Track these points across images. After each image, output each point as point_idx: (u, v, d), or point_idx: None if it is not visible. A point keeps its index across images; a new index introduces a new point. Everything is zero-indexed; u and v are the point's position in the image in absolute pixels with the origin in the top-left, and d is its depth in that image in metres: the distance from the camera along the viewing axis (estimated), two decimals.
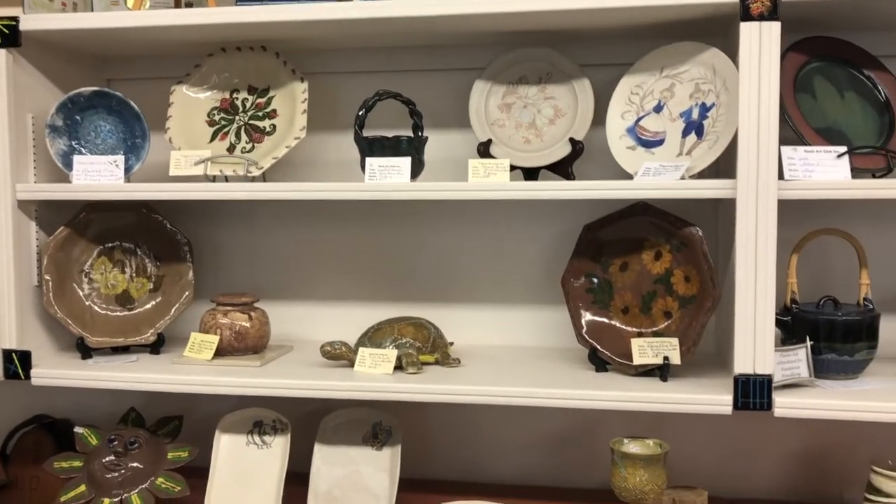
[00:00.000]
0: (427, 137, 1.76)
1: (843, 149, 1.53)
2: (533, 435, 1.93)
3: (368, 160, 1.68)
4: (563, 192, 1.62)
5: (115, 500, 1.71)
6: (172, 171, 1.79)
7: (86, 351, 1.84)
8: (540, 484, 1.91)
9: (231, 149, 1.86)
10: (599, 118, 1.76)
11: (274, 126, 1.86)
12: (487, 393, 1.62)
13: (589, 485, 1.85)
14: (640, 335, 1.72)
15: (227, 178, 1.82)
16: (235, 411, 1.81)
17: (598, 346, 1.72)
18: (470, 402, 1.63)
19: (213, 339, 1.79)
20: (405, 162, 1.67)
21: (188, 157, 1.80)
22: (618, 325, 1.76)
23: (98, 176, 1.78)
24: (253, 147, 1.86)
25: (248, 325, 1.82)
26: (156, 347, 1.88)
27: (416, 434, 1.97)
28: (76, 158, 1.78)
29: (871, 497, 1.56)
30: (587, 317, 1.77)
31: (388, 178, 1.67)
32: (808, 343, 1.58)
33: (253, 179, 1.81)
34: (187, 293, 1.91)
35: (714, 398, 1.53)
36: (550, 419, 1.92)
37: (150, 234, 1.94)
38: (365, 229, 1.99)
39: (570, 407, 1.60)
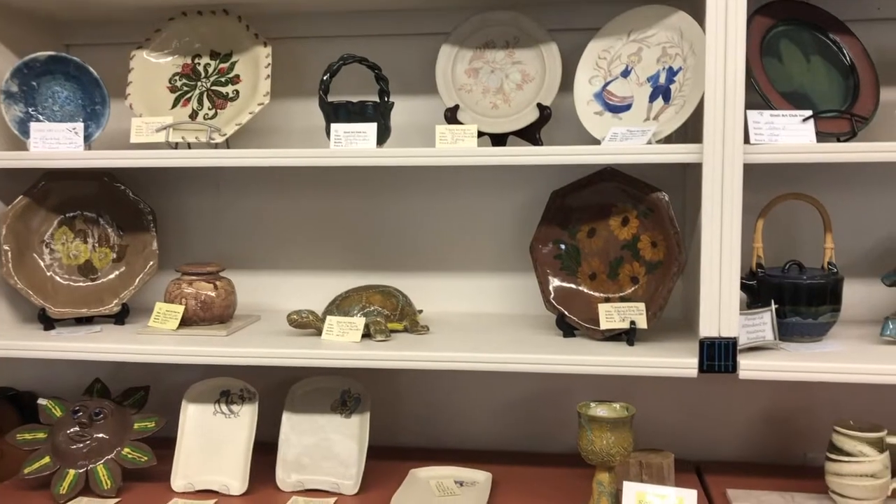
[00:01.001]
0: (393, 103, 1.74)
1: (809, 113, 1.54)
2: (502, 401, 1.94)
3: (333, 126, 1.66)
4: (531, 158, 1.61)
5: (81, 470, 1.69)
6: (134, 139, 1.75)
7: (48, 322, 1.81)
8: (509, 449, 1.92)
9: (193, 115, 1.83)
10: (567, 83, 1.75)
11: (237, 92, 1.83)
12: (455, 359, 1.62)
13: (558, 449, 1.87)
14: (607, 300, 1.72)
15: (189, 146, 1.79)
16: (202, 381, 1.80)
17: (566, 312, 1.73)
18: (438, 368, 1.63)
19: (179, 309, 1.77)
20: (371, 128, 1.65)
21: (150, 124, 1.76)
22: (585, 290, 1.76)
23: (56, 143, 1.74)
24: (216, 113, 1.82)
25: (213, 294, 1.79)
26: (120, 318, 1.86)
27: (386, 401, 1.97)
28: (33, 125, 1.74)
29: (833, 456, 1.58)
30: (555, 283, 1.77)
31: (353, 144, 1.65)
32: (773, 306, 1.59)
33: (216, 146, 1.78)
34: (151, 263, 1.88)
35: (680, 361, 1.55)
36: (519, 385, 1.93)
37: (113, 204, 1.91)
38: (332, 197, 1.97)
39: (537, 372, 1.61)
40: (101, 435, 1.73)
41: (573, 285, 1.77)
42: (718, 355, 1.52)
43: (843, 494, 1.58)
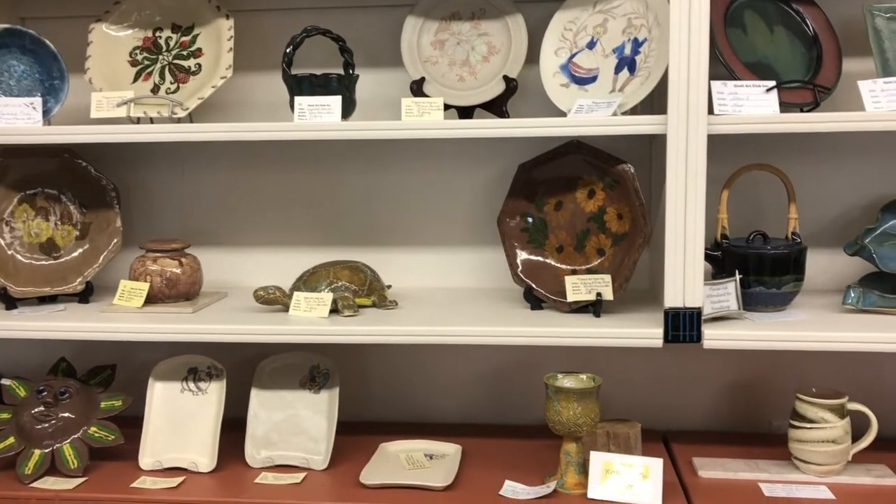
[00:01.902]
0: (358, 76, 1.72)
1: (772, 83, 1.54)
2: (471, 374, 1.95)
3: (297, 99, 1.64)
4: (497, 131, 1.60)
5: (46, 450, 1.67)
6: (94, 114, 1.72)
7: (10, 301, 1.78)
8: (479, 422, 1.93)
9: (155, 89, 1.79)
10: (533, 55, 1.74)
11: (199, 65, 1.80)
12: (423, 333, 1.62)
13: (527, 421, 1.88)
14: (574, 273, 1.73)
15: (152, 120, 1.76)
16: (169, 359, 1.78)
17: (534, 285, 1.73)
18: (406, 342, 1.63)
19: (143, 287, 1.75)
20: (335, 101, 1.63)
21: (110, 99, 1.73)
22: (553, 263, 1.76)
23: (14, 119, 1.70)
24: (178, 88, 1.79)
25: (178, 271, 1.78)
26: (84, 296, 1.84)
27: (356, 377, 1.97)
28: None
29: (796, 423, 1.61)
30: (522, 256, 1.77)
31: (317, 117, 1.63)
32: (737, 276, 1.61)
33: (179, 121, 1.75)
34: (115, 240, 1.86)
35: (645, 332, 1.56)
36: (488, 358, 1.93)
37: (75, 180, 1.87)
38: (298, 172, 1.95)
39: (505, 344, 1.62)
40: (66, 414, 1.71)
41: (540, 258, 1.77)
42: (683, 325, 1.53)
43: (805, 460, 1.61)
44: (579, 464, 1.58)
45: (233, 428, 1.75)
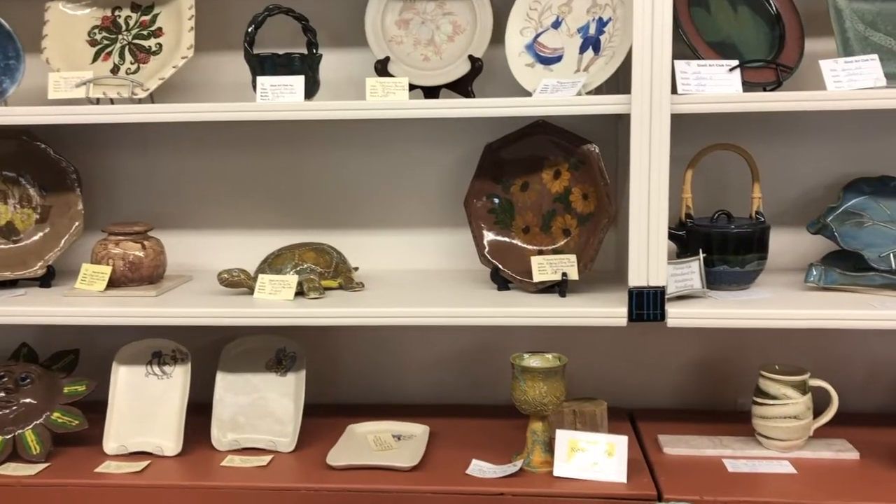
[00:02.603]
0: (321, 55, 1.70)
1: (735, 63, 1.55)
2: (440, 355, 1.95)
3: (259, 79, 1.62)
4: (463, 111, 1.60)
5: (8, 436, 1.65)
6: (52, 95, 1.69)
7: None
8: (447, 402, 1.93)
9: (115, 70, 1.76)
10: (499, 35, 1.73)
11: (160, 45, 1.77)
12: (390, 315, 1.62)
13: (495, 401, 1.88)
14: (540, 253, 1.73)
15: (112, 101, 1.73)
16: (133, 343, 1.76)
17: (500, 266, 1.73)
18: (372, 324, 1.63)
19: (106, 270, 1.73)
20: (298, 80, 1.61)
21: (68, 79, 1.69)
22: (519, 244, 1.77)
23: None
24: (138, 68, 1.76)
25: (141, 254, 1.75)
26: (45, 281, 1.81)
27: (324, 360, 1.96)
28: None
29: (759, 400, 1.63)
30: (489, 237, 1.77)
31: (280, 97, 1.61)
32: (701, 255, 1.62)
33: (139, 102, 1.72)
34: (77, 224, 1.83)
35: (610, 311, 1.57)
36: (456, 339, 1.93)
37: (34, 163, 1.84)
38: (263, 154, 1.93)
39: (471, 325, 1.62)
40: (28, 400, 1.68)
41: (507, 239, 1.77)
42: (647, 304, 1.54)
43: (768, 436, 1.63)
44: (545, 442, 1.59)
45: (199, 412, 1.74)
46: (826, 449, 1.63)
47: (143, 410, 1.72)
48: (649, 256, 1.53)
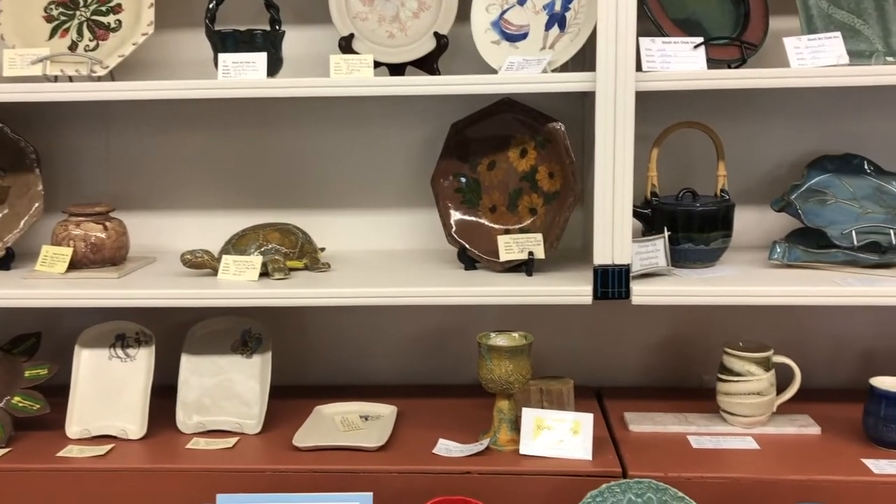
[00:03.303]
0: (284, 32, 1.68)
1: (700, 40, 1.55)
2: (408, 336, 1.94)
3: (221, 56, 1.59)
4: (428, 88, 1.59)
5: None
6: (7, 72, 1.65)
7: None
8: (416, 383, 1.93)
9: (73, 47, 1.72)
10: (464, 12, 1.71)
11: (119, 22, 1.73)
12: (356, 295, 1.61)
13: (462, 381, 1.88)
14: (507, 232, 1.73)
15: (71, 79, 1.70)
16: (96, 325, 1.74)
17: (467, 246, 1.73)
18: (338, 304, 1.62)
19: (66, 252, 1.70)
20: (260, 57, 1.59)
21: (24, 56, 1.65)
22: (486, 223, 1.76)
23: None
24: (97, 45, 1.72)
25: (103, 235, 1.73)
26: (5, 263, 1.77)
27: (291, 341, 1.95)
28: None
29: (723, 376, 1.64)
30: (456, 216, 1.76)
31: (242, 74, 1.59)
32: (666, 233, 1.62)
33: (99, 79, 1.69)
34: (37, 205, 1.79)
35: (575, 289, 1.57)
36: (424, 319, 1.93)
37: None
38: (227, 133, 1.90)
39: (438, 304, 1.61)
40: None
41: (474, 218, 1.76)
42: (612, 282, 1.55)
43: (731, 412, 1.64)
44: (512, 421, 1.59)
45: (164, 394, 1.72)
46: (789, 424, 1.64)
47: (106, 394, 1.70)
48: (614, 234, 1.53)
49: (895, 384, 1.56)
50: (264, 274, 1.68)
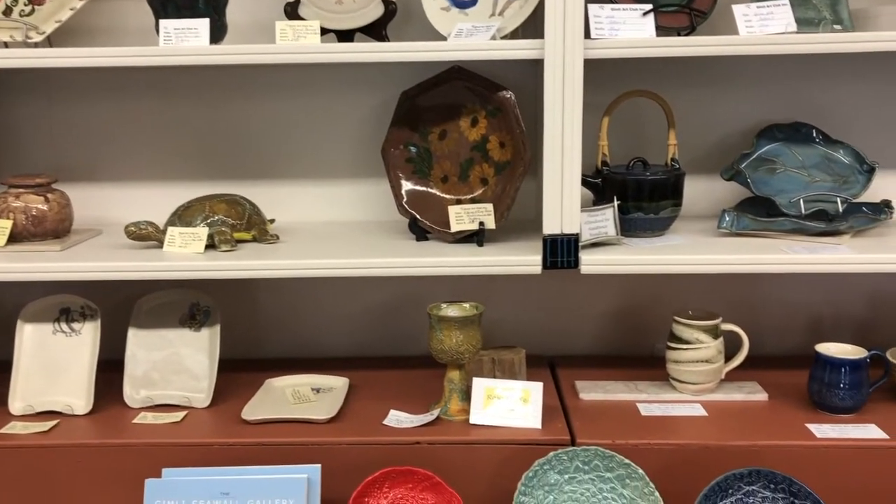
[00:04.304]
0: None
1: (649, 6, 1.53)
2: (360, 308, 1.93)
3: (162, 22, 1.55)
4: (376, 55, 1.56)
5: None
6: None
7: None
8: (368, 355, 1.92)
9: (7, 11, 1.66)
10: None
11: None
12: (303, 266, 1.59)
13: (415, 352, 1.87)
14: (458, 203, 1.71)
15: (6, 45, 1.64)
16: (39, 299, 1.70)
17: (418, 216, 1.71)
18: (285, 276, 1.60)
19: (6, 224, 1.65)
20: (203, 24, 1.55)
21: None
22: (437, 193, 1.74)
23: None
24: (33, 10, 1.66)
25: (45, 207, 1.68)
26: None
27: (242, 314, 1.92)
28: None
29: (672, 344, 1.65)
30: (407, 186, 1.74)
31: (184, 41, 1.54)
32: (615, 203, 1.62)
33: (36, 46, 1.63)
34: None
35: (525, 259, 1.57)
36: (376, 291, 1.91)
37: None
38: (171, 102, 1.85)
39: (388, 276, 1.60)
40: None
41: (425, 188, 1.75)
42: (561, 252, 1.54)
43: (680, 380, 1.66)
44: (462, 390, 1.59)
45: (110, 369, 1.69)
46: (737, 391, 1.66)
47: (51, 369, 1.66)
48: (563, 204, 1.53)
49: (839, 350, 1.59)
50: (211, 246, 1.65)
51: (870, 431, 1.50)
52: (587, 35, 1.49)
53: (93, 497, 1.52)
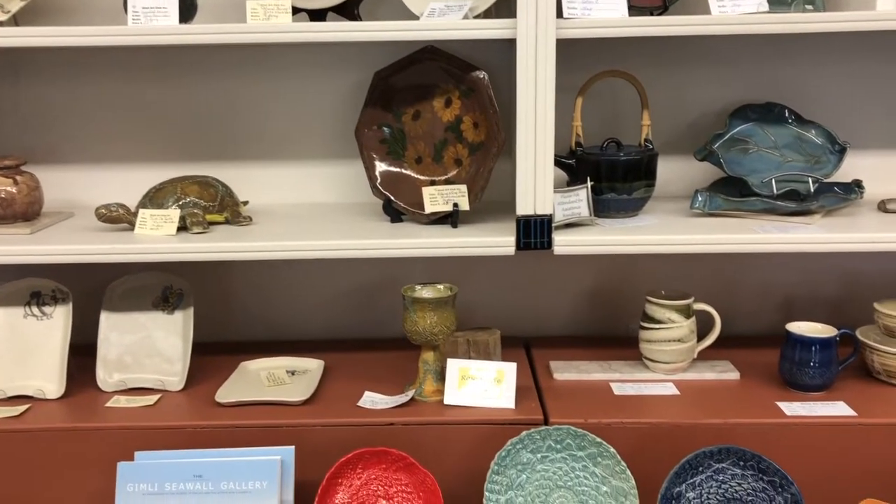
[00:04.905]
0: None
1: None
2: (335, 290, 1.92)
3: (131, 1, 1.53)
4: (348, 34, 1.54)
5: None
6: None
7: None
8: (343, 337, 1.92)
9: None
10: None
11: None
12: (276, 248, 1.58)
13: (390, 334, 1.87)
14: (432, 184, 1.71)
15: None
16: (9, 283, 1.68)
17: (392, 197, 1.71)
18: (258, 258, 1.59)
19: None
20: (172, 3, 1.53)
21: None
22: (412, 174, 1.74)
23: None
24: None
25: (13, 190, 1.66)
26: None
27: (217, 297, 1.91)
28: None
29: (645, 324, 1.66)
30: (381, 168, 1.74)
31: (153, 20, 1.52)
32: (589, 183, 1.62)
33: (1, 25, 1.60)
34: None
35: (498, 240, 1.57)
36: (351, 274, 1.91)
37: None
38: (142, 83, 1.83)
39: (361, 257, 1.59)
40: None
41: (399, 169, 1.74)
42: (534, 232, 1.55)
43: (653, 359, 1.67)
44: (437, 372, 1.59)
45: (83, 353, 1.68)
46: (709, 370, 1.68)
47: (22, 353, 1.65)
48: (536, 185, 1.53)
49: (810, 329, 1.61)
50: (183, 228, 1.64)
51: (838, 409, 1.52)
52: (560, 14, 1.48)
53: (65, 481, 1.51)
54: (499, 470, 1.41)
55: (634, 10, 1.55)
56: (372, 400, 1.58)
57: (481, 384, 1.56)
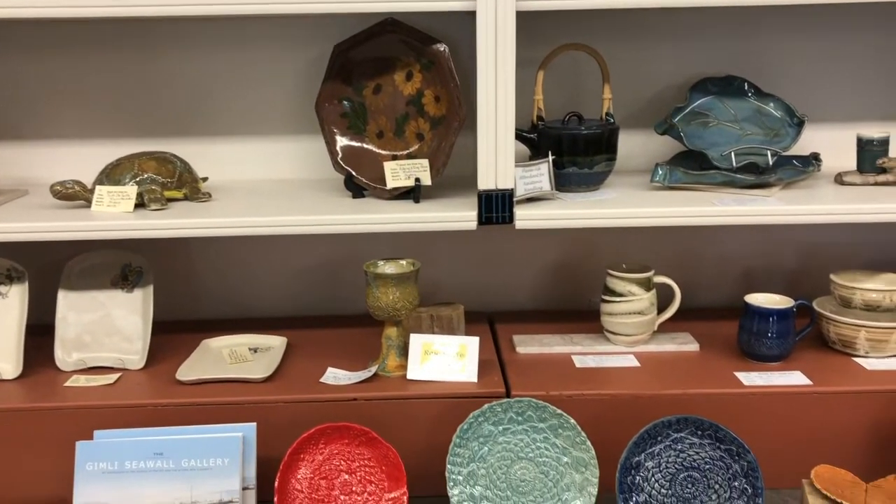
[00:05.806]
0: None
1: None
2: (298, 267, 1.91)
3: None
4: (307, 6, 1.52)
5: None
6: None
7: None
8: (307, 314, 1.91)
9: None
10: None
11: None
12: (235, 224, 1.56)
13: (354, 311, 1.87)
14: (394, 158, 1.70)
15: None
16: None
17: (354, 173, 1.69)
18: (217, 234, 1.57)
19: None
20: None
21: None
22: (373, 149, 1.73)
23: None
24: None
25: None
26: None
27: (178, 275, 1.89)
28: None
29: (606, 298, 1.68)
30: (342, 142, 1.72)
31: None
32: (550, 157, 1.62)
33: None
34: None
35: (460, 215, 1.56)
36: (314, 250, 1.89)
37: None
38: (98, 56, 1.79)
39: (322, 233, 1.58)
40: None
41: (361, 144, 1.73)
42: (496, 207, 1.55)
43: (614, 332, 1.68)
44: (400, 347, 1.59)
45: (40, 332, 1.66)
46: (669, 342, 1.70)
47: None
48: (497, 159, 1.53)
49: (767, 301, 1.63)
50: (141, 205, 1.61)
51: (795, 378, 1.55)
52: None
53: (24, 462, 1.50)
54: (461, 443, 1.42)
55: None
56: (335, 376, 1.58)
57: (444, 359, 1.56)
